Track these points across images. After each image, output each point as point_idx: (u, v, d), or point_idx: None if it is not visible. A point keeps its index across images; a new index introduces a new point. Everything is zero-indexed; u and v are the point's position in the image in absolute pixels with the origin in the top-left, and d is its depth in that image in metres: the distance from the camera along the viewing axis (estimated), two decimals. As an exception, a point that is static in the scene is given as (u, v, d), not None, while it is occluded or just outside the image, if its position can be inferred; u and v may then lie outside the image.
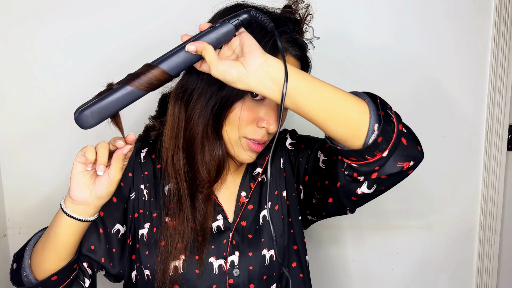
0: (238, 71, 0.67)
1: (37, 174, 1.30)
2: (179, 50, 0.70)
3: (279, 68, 0.67)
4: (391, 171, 0.71)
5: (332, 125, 0.70)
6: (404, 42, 1.30)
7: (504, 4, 1.27)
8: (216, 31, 0.70)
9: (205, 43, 0.69)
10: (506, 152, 1.36)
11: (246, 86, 0.67)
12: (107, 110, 0.69)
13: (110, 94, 0.69)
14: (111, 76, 1.24)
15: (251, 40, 0.69)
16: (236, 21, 0.71)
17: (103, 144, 0.74)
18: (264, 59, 0.67)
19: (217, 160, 0.81)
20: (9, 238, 1.33)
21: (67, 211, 0.76)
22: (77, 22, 1.24)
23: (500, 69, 1.30)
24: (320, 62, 1.24)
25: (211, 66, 0.68)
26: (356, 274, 1.42)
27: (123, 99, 0.69)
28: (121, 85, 0.70)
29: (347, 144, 0.71)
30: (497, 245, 1.40)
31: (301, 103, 0.69)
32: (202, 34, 0.70)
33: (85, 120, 0.69)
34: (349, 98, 0.70)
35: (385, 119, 0.69)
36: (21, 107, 1.27)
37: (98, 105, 0.69)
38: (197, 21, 0.84)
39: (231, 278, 0.85)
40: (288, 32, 0.81)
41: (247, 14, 0.72)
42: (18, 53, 1.24)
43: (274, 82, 0.67)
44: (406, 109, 1.31)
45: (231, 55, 0.71)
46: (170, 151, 0.83)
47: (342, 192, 0.78)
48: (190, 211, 0.83)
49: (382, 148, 0.68)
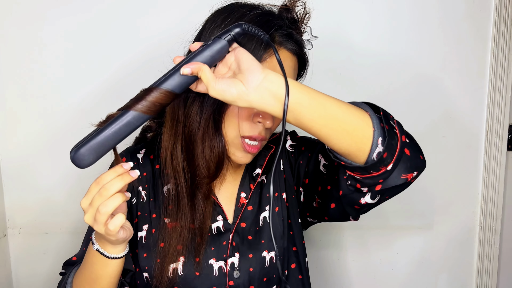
0: (237, 89, 0.64)
1: (37, 174, 1.30)
2: (174, 73, 0.67)
3: (280, 84, 0.64)
4: (395, 183, 0.70)
5: (336, 139, 0.68)
6: (404, 42, 1.30)
7: (504, 4, 1.27)
8: (209, 49, 0.67)
9: (200, 63, 0.66)
10: (506, 152, 1.36)
11: (247, 104, 0.65)
12: (106, 144, 0.65)
13: (108, 126, 0.65)
14: (112, 75, 1.26)
15: (247, 55, 0.66)
16: (228, 36, 0.68)
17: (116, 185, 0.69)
18: (264, 75, 0.64)
19: (216, 155, 0.80)
20: (9, 238, 1.33)
21: (110, 255, 0.77)
22: (77, 22, 1.24)
23: (500, 69, 1.30)
24: (320, 62, 1.25)
25: (209, 87, 0.65)
26: (356, 274, 1.42)
27: (123, 128, 0.65)
28: (121, 112, 0.65)
29: (350, 157, 0.70)
30: (497, 245, 1.40)
31: (304, 118, 0.67)
32: (195, 54, 0.67)
33: (82, 159, 0.64)
34: (352, 112, 0.69)
35: (389, 133, 0.68)
36: (21, 107, 1.27)
37: (95, 140, 0.64)
38: (197, 20, 0.84)
39: (231, 280, 0.85)
40: (284, 26, 0.80)
41: (239, 28, 0.68)
42: (18, 53, 1.24)
43: (276, 99, 0.65)
44: (406, 109, 1.32)
45: (227, 72, 0.69)
46: (169, 149, 0.82)
47: (344, 200, 0.78)
48: (189, 210, 0.82)
49: (387, 162, 0.68)
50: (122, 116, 0.65)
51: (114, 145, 0.66)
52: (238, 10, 0.79)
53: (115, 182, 0.68)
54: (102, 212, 0.67)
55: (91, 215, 0.69)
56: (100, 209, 0.67)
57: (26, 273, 1.35)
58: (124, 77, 1.26)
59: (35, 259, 1.34)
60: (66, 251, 1.33)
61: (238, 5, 0.80)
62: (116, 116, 0.65)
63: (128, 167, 0.70)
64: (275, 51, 0.67)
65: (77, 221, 1.32)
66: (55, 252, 1.34)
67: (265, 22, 0.77)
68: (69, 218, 1.32)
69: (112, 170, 0.69)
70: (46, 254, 1.34)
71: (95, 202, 0.68)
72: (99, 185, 0.68)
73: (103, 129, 0.65)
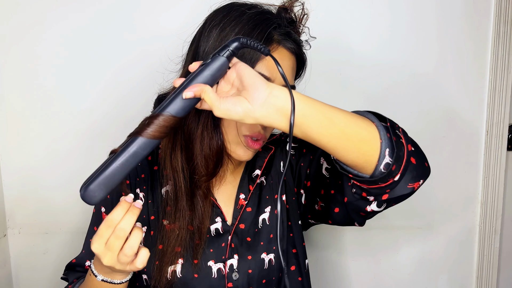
0: (243, 107, 0.63)
1: (37, 174, 1.30)
2: (176, 97, 0.65)
3: (286, 99, 0.63)
4: (402, 192, 0.70)
5: (343, 152, 0.68)
6: (404, 42, 1.29)
7: (504, 4, 1.27)
8: (209, 67, 0.65)
9: (201, 85, 0.64)
10: (506, 152, 1.36)
11: (254, 120, 0.64)
12: (115, 178, 0.63)
13: (115, 159, 0.63)
14: (111, 76, 1.26)
15: (249, 71, 0.65)
16: (226, 52, 0.66)
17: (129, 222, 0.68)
18: (269, 91, 0.63)
19: (215, 153, 0.80)
20: (9, 238, 1.34)
21: (119, 281, 0.76)
22: (77, 25, 1.24)
23: (500, 69, 1.30)
24: (320, 62, 1.25)
25: (213, 107, 0.64)
26: (356, 274, 1.42)
27: (130, 160, 0.63)
28: (128, 141, 0.64)
29: (357, 168, 0.70)
30: (497, 245, 1.40)
31: (311, 132, 0.66)
32: (195, 75, 0.66)
33: (93, 196, 0.63)
34: (359, 124, 0.68)
35: (396, 144, 0.68)
36: (21, 107, 1.27)
37: (104, 175, 0.63)
38: (196, 20, 0.84)
39: (230, 282, 0.85)
40: (282, 25, 0.80)
41: (237, 42, 0.67)
42: (18, 53, 1.24)
43: (283, 114, 0.64)
44: (406, 109, 1.32)
45: (230, 89, 0.68)
46: (169, 148, 0.82)
47: (350, 207, 0.78)
48: (188, 210, 0.82)
49: (395, 173, 0.68)
50: (128, 147, 0.64)
51: (123, 178, 0.64)
52: (237, 9, 0.79)
53: (128, 219, 0.66)
54: (129, 254, 0.67)
55: (112, 258, 0.67)
56: (127, 252, 0.66)
57: (26, 273, 1.35)
58: (124, 78, 1.26)
59: (35, 259, 1.35)
60: (66, 251, 1.33)
61: (236, 4, 0.80)
62: (122, 147, 0.64)
63: (131, 199, 0.68)
64: (278, 65, 0.67)
65: (77, 221, 1.32)
66: (55, 252, 1.34)
67: (263, 20, 0.77)
68: (69, 218, 1.32)
69: (119, 208, 0.67)
70: (46, 254, 1.34)
71: (114, 245, 0.66)
72: (111, 228, 0.66)
73: (110, 163, 0.63)
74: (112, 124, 1.27)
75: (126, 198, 0.68)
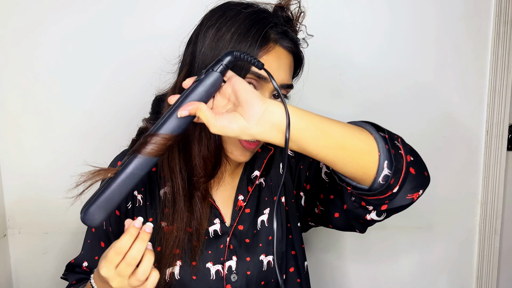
0: (238, 124, 0.62)
1: (37, 174, 1.31)
2: (171, 115, 0.65)
3: (282, 115, 0.63)
4: (401, 203, 0.70)
5: (341, 164, 0.68)
6: (404, 42, 1.29)
7: (504, 4, 1.27)
8: (203, 84, 0.65)
9: (196, 103, 0.64)
10: (506, 152, 1.35)
11: (250, 137, 0.63)
12: (114, 199, 0.64)
13: (114, 180, 0.63)
14: (109, 77, 1.25)
15: (244, 86, 0.64)
16: (220, 66, 0.66)
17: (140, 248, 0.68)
18: (265, 107, 0.62)
19: (213, 154, 0.79)
20: (9, 238, 1.34)
21: None
22: (75, 25, 1.24)
23: (500, 69, 1.29)
24: (319, 63, 1.24)
25: (209, 125, 0.63)
26: (356, 274, 1.42)
27: (128, 181, 0.63)
28: (126, 161, 0.64)
29: (356, 180, 0.70)
30: (497, 245, 1.40)
31: (309, 147, 0.66)
32: (189, 92, 0.65)
33: (92, 219, 0.63)
34: (357, 136, 0.68)
35: (395, 156, 0.68)
36: (21, 108, 1.27)
37: (102, 197, 0.63)
38: (192, 20, 0.84)
39: (228, 284, 0.85)
40: (279, 24, 0.79)
41: (230, 56, 0.66)
42: (18, 53, 1.24)
43: (279, 130, 0.63)
44: (406, 109, 1.32)
45: (226, 104, 0.68)
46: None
47: (349, 214, 0.78)
48: (186, 211, 0.82)
49: (393, 186, 0.68)
50: (125, 168, 0.63)
51: (122, 199, 0.64)
52: (233, 8, 0.79)
53: (139, 247, 0.66)
54: (143, 279, 0.67)
55: (122, 282, 0.67)
56: (140, 277, 0.67)
57: (26, 273, 1.36)
58: (121, 78, 1.26)
59: (35, 259, 1.35)
60: (66, 251, 1.33)
61: (232, 4, 0.80)
62: (120, 168, 0.64)
63: (140, 224, 0.68)
64: (272, 79, 0.66)
65: (77, 221, 1.31)
66: (55, 252, 1.34)
67: (260, 19, 0.77)
68: (69, 218, 1.32)
69: (127, 234, 0.66)
70: (46, 254, 1.35)
71: (125, 271, 0.66)
72: (120, 255, 0.66)
73: (109, 185, 0.63)
74: (112, 124, 1.27)
75: (134, 223, 0.67)
